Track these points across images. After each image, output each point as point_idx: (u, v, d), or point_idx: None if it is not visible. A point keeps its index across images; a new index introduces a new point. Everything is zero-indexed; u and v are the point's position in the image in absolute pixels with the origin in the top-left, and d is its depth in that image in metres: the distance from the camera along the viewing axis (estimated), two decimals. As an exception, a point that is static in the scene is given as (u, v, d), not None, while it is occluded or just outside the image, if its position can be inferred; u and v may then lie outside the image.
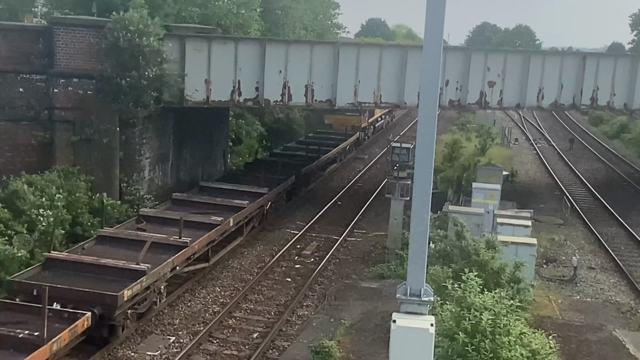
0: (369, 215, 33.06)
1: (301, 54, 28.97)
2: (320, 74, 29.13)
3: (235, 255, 25.56)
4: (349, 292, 21.92)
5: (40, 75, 24.71)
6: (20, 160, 24.39)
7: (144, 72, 24.54)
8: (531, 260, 20.96)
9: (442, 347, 12.47)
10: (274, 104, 29.66)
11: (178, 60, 26.84)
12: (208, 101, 27.95)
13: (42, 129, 24.72)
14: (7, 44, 24.41)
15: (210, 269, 23.48)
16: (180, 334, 18.88)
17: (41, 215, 20.94)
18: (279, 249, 26.60)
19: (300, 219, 31.26)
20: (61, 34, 24.65)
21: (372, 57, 29.70)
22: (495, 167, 32.70)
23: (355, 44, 34.12)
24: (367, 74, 29.50)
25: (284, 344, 18.59)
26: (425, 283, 10.50)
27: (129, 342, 18.06)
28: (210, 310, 20.61)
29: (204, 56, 27.53)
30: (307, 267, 25.12)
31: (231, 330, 19.44)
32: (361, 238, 29.29)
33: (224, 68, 27.87)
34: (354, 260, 26.21)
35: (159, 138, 28.05)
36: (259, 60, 28.27)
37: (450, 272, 17.11)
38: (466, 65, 30.65)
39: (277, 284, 23.36)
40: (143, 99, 25.05)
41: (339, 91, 29.37)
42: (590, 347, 17.72)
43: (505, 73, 31.19)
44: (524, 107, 32.54)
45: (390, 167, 24.94)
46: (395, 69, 29.73)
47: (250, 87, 28.45)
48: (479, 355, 11.84)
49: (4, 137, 24.27)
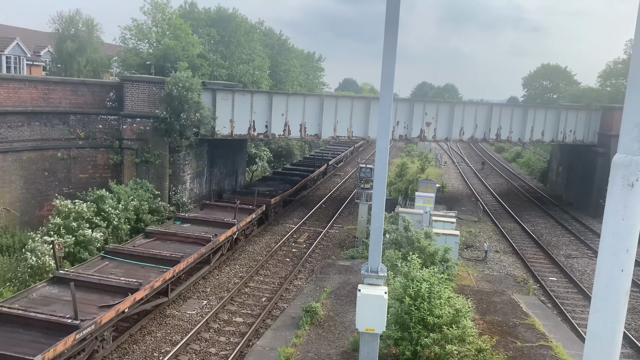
0: (344, 214, 33.01)
1: (297, 102, 28.94)
2: (311, 116, 29.11)
3: (249, 243, 25.34)
4: (329, 268, 21.79)
5: (113, 115, 24.51)
6: (99, 175, 24.18)
7: (189, 115, 24.51)
8: (456, 246, 21.01)
9: (394, 308, 12.37)
10: (278, 137, 29.60)
11: (211, 106, 26.71)
12: (232, 135, 27.79)
13: (115, 153, 24.50)
14: (91, 94, 24.23)
15: (232, 252, 23.29)
16: (211, 298, 18.64)
17: (114, 214, 20.72)
18: (281, 238, 26.39)
19: (297, 217, 31.12)
20: (128, 87, 24.49)
21: (346, 105, 29.74)
22: (431, 181, 32.74)
23: (334, 96, 34.19)
24: (343, 117, 29.53)
25: (284, 305, 18.40)
26: (381, 263, 10.41)
27: (174, 304, 17.79)
28: (232, 282, 20.38)
29: (229, 103, 27.42)
30: (301, 251, 24.95)
31: (247, 296, 19.22)
32: (338, 230, 29.19)
33: (243, 111, 27.77)
34: (333, 246, 26.10)
35: (196, 160, 27.83)
36: (268, 106, 28.21)
37: (400, 255, 17.03)
38: (411, 111, 30.77)
39: (280, 262, 23.18)
40: (186, 133, 24.98)
41: (323, 128, 29.37)
42: (496, 306, 17.68)
43: (437, 116, 31.34)
44: (450, 140, 32.68)
45: (358, 180, 24.93)
46: (362, 113, 29.78)
47: (262, 125, 28.34)
48: (419, 313, 11.76)
49: (88, 159, 24.05)
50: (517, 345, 14.60)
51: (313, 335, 15.04)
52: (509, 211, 35.03)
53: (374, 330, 9.89)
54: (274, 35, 56.78)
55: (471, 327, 11.78)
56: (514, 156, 65.60)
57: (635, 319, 18.89)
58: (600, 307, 4.05)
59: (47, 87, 22.87)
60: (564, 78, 76.08)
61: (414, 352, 11.68)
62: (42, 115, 22.56)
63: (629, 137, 3.88)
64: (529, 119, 33.07)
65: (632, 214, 3.89)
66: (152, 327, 16.06)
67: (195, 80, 25.22)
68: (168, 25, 36.75)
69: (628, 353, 16.16)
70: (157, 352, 14.67)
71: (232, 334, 16.12)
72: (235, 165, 34.00)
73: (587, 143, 34.54)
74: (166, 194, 25.08)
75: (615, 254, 3.95)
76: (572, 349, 14.96)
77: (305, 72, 65.99)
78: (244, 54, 43.13)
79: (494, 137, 33.02)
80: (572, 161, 38.53)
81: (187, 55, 34.86)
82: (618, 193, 3.92)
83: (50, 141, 22.85)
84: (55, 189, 22.73)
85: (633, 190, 3.87)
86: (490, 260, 24.56)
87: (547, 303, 19.73)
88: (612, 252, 3.97)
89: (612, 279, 3.98)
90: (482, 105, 33.92)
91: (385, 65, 9.10)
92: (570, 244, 28.40)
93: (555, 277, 23.09)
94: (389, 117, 9.29)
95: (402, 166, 44.36)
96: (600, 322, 4.06)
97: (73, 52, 32.31)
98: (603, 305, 4.03)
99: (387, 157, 9.71)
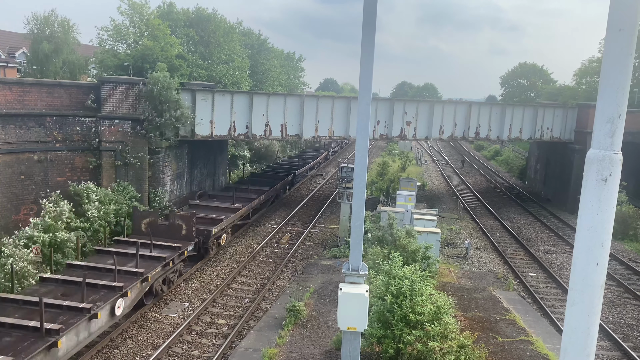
0: (326, 213, 33.00)
1: (278, 102, 28.81)
2: (291, 116, 29.01)
3: (231, 244, 25.13)
4: (312, 268, 21.75)
5: (91, 117, 24.06)
6: (77, 178, 23.70)
7: (170, 113, 24.24)
8: (437, 244, 21.10)
9: (376, 305, 12.40)
10: (259, 137, 29.41)
11: (190, 107, 26.43)
12: (212, 135, 27.54)
13: (93, 155, 24.07)
14: (68, 95, 23.75)
15: (214, 254, 23.06)
16: (193, 301, 18.45)
17: (96, 216, 20.44)
18: (263, 239, 26.26)
19: (279, 218, 30.99)
20: (106, 88, 24.07)
21: (327, 105, 29.72)
22: (412, 180, 32.97)
23: (315, 96, 34.16)
24: (323, 117, 29.49)
25: (267, 306, 18.30)
26: (362, 262, 10.40)
27: (156, 307, 17.56)
28: (214, 284, 20.20)
29: (209, 104, 27.16)
30: (283, 251, 24.85)
31: (229, 297, 19.07)
32: (321, 230, 29.17)
33: (223, 112, 27.52)
34: (316, 246, 26.05)
35: (176, 161, 27.52)
36: (248, 106, 28.03)
37: (382, 252, 17.08)
38: (391, 110, 30.90)
39: (262, 263, 23.05)
40: (167, 134, 24.68)
41: (304, 128, 29.29)
42: (477, 302, 17.86)
43: (417, 116, 31.54)
44: (430, 138, 32.92)
45: (340, 180, 24.94)
46: (343, 113, 29.79)
47: (242, 125, 28.15)
48: (401, 310, 11.80)
49: (66, 162, 23.59)
50: (498, 340, 14.76)
51: (296, 335, 14.99)
52: (489, 208, 35.43)
53: (356, 328, 9.89)
54: (253, 36, 56.53)
55: (453, 324, 11.86)
56: (492, 154, 66.49)
57: (612, 312, 19.28)
58: (576, 301, 4.10)
59: (22, 89, 22.36)
60: (540, 76, 77.44)
61: (396, 349, 11.72)
62: (17, 118, 22.05)
63: (601, 132, 3.93)
64: (507, 117, 33.53)
65: (606, 208, 3.94)
66: (134, 331, 15.82)
67: (173, 80, 24.97)
68: (146, 26, 36.30)
69: (606, 346, 16.48)
70: (138, 356, 14.45)
71: (214, 336, 15.97)
72: (216, 166, 33.73)
73: (564, 140, 35.16)
74: (146, 197, 24.75)
75: (590, 248, 4.00)
76: (551, 342, 15.19)
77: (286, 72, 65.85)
78: (223, 54, 42.83)
79: (473, 136, 33.37)
80: (549, 158, 39.19)
81: (165, 56, 34.48)
82: (592, 188, 3.97)
83: (26, 144, 22.34)
84: (32, 192, 22.25)
85: (607, 185, 3.92)
86: (471, 257, 24.79)
87: (527, 298, 20.01)
88: (587, 246, 4.02)
89: (587, 272, 4.02)
90: (461, 104, 34.26)
91: (363, 65, 9.10)
92: (549, 239, 28.86)
93: (535, 272, 23.43)
94: (368, 117, 9.29)
95: (383, 165, 44.61)
96: (577, 315, 4.11)
97: (49, 53, 31.71)
98: (579, 299, 4.07)
99: (367, 156, 9.69)
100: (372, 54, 9.05)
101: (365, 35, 8.94)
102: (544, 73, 78.11)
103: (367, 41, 8.96)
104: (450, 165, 59.22)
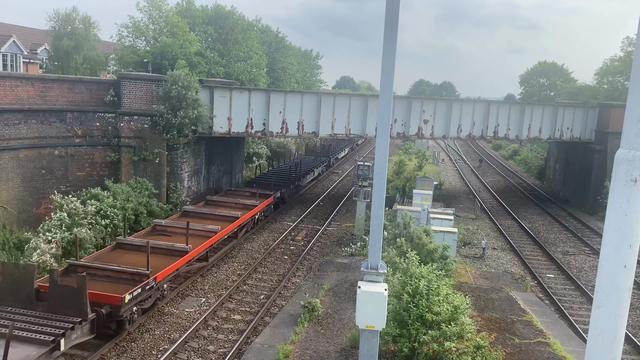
0: (342, 211, 32.98)
1: (295, 100, 28.85)
2: (308, 114, 29.02)
3: (247, 241, 25.28)
4: (327, 265, 21.76)
5: (111, 113, 24.38)
6: (96, 174, 24.07)
7: (187, 113, 24.44)
8: (454, 243, 20.97)
9: (392, 304, 12.35)
10: (276, 135, 29.50)
11: (208, 104, 26.61)
12: (229, 132, 27.70)
13: (112, 151, 24.39)
14: (88, 91, 24.09)
15: (230, 250, 23.22)
16: (209, 296, 18.60)
17: (114, 214, 20.68)
18: (279, 236, 26.35)
19: (294, 215, 31.06)
20: (126, 85, 24.37)
21: (344, 102, 29.66)
22: (428, 179, 32.77)
23: (332, 94, 34.08)
24: (340, 114, 29.44)
25: (282, 302, 18.37)
26: (381, 260, 10.37)
27: (172, 302, 17.75)
28: (230, 279, 20.34)
29: (227, 101, 27.32)
30: (299, 248, 24.91)
31: (245, 293, 19.18)
32: (336, 228, 29.17)
33: (241, 109, 27.66)
34: (331, 243, 26.06)
35: (194, 158, 27.73)
36: (266, 104, 28.11)
37: (396, 252, 16.99)
38: (408, 108, 30.72)
39: (278, 260, 23.14)
40: (185, 131, 24.89)
41: (321, 126, 29.27)
42: (494, 303, 17.69)
43: (435, 114, 31.30)
44: (448, 137, 32.66)
45: (356, 178, 24.90)
46: (359, 111, 29.70)
47: (259, 123, 28.25)
48: (417, 310, 11.74)
49: (86, 157, 23.95)
50: (515, 341, 14.61)
51: (311, 332, 15.02)
52: (507, 208, 35.05)
53: (374, 327, 9.86)
54: (271, 33, 56.63)
55: (469, 324, 11.77)
56: (511, 154, 65.73)
57: (631, 315, 18.94)
58: (603, 303, 4.03)
59: (44, 85, 22.74)
60: (560, 75, 76.17)
61: (412, 349, 11.67)
62: (39, 113, 22.44)
63: (632, 132, 3.86)
64: (526, 116, 33.09)
65: (635, 210, 3.87)
66: (151, 325, 16.01)
67: (192, 78, 25.14)
68: (165, 23, 36.60)
69: (625, 349, 16.19)
70: (155, 349, 14.62)
71: (230, 331, 16.08)
72: (233, 164, 33.92)
73: (584, 140, 34.59)
74: (164, 192, 25.00)
75: (618, 250, 3.93)
76: (569, 345, 14.98)
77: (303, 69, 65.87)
78: (241, 51, 42.98)
79: (492, 135, 33.02)
80: (569, 158, 38.59)
81: (184, 53, 34.73)
82: (621, 188, 3.90)
83: (47, 139, 22.73)
84: (53, 186, 22.62)
85: (636, 186, 3.84)
86: (488, 257, 24.57)
87: (544, 300, 19.76)
88: (615, 248, 3.95)
89: (615, 274, 3.96)
90: (479, 102, 33.91)
91: (385, 64, 9.06)
92: (568, 241, 28.44)
93: (553, 274, 23.12)
94: (389, 115, 9.25)
95: (400, 164, 44.38)
96: (603, 317, 4.04)
97: (70, 50, 32.14)
98: (606, 301, 4.01)
99: (387, 154, 9.66)
100: (393, 55, 9.00)
101: (388, 34, 8.89)
102: (564, 72, 76.82)
103: (389, 40, 8.91)
104: (468, 165, 58.70)
